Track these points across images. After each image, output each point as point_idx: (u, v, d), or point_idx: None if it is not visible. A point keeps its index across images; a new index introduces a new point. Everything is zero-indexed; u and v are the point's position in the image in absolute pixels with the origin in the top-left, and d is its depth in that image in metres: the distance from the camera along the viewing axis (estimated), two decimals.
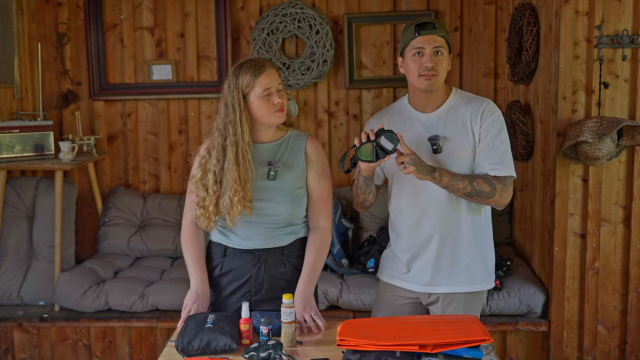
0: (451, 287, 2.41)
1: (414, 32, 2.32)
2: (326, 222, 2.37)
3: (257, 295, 2.33)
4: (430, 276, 2.41)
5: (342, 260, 3.81)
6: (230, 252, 2.35)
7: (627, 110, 3.09)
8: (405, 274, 2.46)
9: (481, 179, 2.30)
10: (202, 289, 2.28)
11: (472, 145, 2.35)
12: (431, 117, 2.39)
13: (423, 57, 2.30)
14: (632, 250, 3.17)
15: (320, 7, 4.19)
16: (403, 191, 2.42)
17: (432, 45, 2.29)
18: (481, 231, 2.43)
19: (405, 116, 2.43)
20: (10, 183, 3.99)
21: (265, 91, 2.21)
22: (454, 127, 2.36)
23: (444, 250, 2.39)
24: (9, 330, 3.61)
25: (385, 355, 1.85)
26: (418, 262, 2.43)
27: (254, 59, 2.26)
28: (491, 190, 2.30)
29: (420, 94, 2.36)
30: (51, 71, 4.29)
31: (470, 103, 2.38)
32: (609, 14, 3.02)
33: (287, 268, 2.34)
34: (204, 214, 2.27)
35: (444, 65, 2.32)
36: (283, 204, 2.28)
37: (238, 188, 2.20)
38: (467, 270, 2.41)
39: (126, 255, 4.14)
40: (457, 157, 2.35)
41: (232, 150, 2.22)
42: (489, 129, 2.34)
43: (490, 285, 2.47)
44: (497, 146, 2.34)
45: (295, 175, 2.31)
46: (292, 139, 2.35)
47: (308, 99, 4.28)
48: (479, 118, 2.34)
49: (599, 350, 3.27)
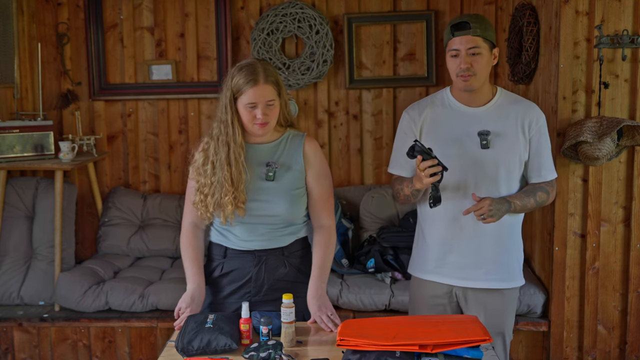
0: (494, 283, 2.46)
1: (450, 32, 2.36)
2: (329, 220, 2.36)
3: (257, 296, 2.33)
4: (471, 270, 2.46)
5: (342, 260, 3.81)
6: (231, 253, 2.34)
7: (627, 110, 3.09)
8: (443, 267, 2.48)
9: (539, 191, 2.42)
10: (198, 294, 2.27)
11: (523, 144, 2.40)
12: (478, 112, 2.41)
13: (459, 58, 2.33)
14: (632, 250, 3.17)
15: (320, 7, 4.19)
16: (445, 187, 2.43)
17: (467, 46, 2.31)
18: (517, 227, 2.51)
19: (448, 108, 2.44)
20: (10, 183, 3.99)
21: (250, 104, 2.19)
22: (506, 124, 2.39)
23: (485, 246, 2.43)
24: (9, 330, 3.61)
25: (385, 355, 1.85)
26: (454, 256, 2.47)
27: (253, 68, 2.20)
28: (547, 197, 2.44)
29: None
30: (51, 71, 4.29)
31: (520, 103, 2.44)
32: (609, 14, 3.02)
33: (287, 269, 2.33)
34: (202, 201, 2.26)
35: (481, 64, 2.33)
36: (282, 205, 2.27)
37: (230, 188, 2.20)
38: (506, 267, 2.47)
39: (126, 255, 4.14)
40: (506, 154, 2.38)
41: (224, 150, 2.21)
42: (540, 133, 2.41)
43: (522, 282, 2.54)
44: (546, 151, 2.43)
45: (294, 175, 2.30)
46: (289, 139, 2.33)
47: (308, 99, 4.28)
48: (534, 120, 2.40)
49: (599, 350, 3.27)
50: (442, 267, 2.47)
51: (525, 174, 2.47)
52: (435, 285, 2.50)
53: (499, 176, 2.39)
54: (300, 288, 2.32)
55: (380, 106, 4.25)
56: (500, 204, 2.32)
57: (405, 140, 2.46)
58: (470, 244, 2.42)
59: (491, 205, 2.29)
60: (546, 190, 2.43)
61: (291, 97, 4.18)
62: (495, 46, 2.38)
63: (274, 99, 2.21)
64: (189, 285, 2.29)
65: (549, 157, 2.45)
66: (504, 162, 2.38)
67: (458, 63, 2.33)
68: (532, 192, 2.41)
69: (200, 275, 2.31)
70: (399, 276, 3.60)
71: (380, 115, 4.25)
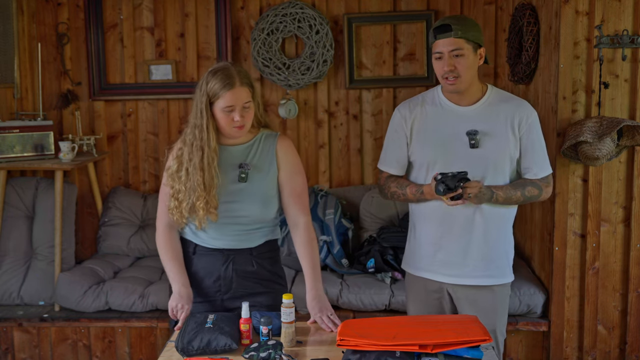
0: (481, 280, 2.46)
1: (433, 36, 2.37)
2: (305, 217, 2.36)
3: (228, 293, 2.34)
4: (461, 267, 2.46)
5: (342, 260, 3.81)
6: (200, 251, 2.36)
7: (627, 110, 3.09)
8: (433, 265, 2.49)
9: (529, 186, 2.40)
10: (185, 292, 2.27)
11: (513, 143, 2.40)
12: (468, 110, 2.41)
13: (442, 61, 2.35)
14: (632, 250, 3.17)
15: (320, 7, 4.19)
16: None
17: (449, 49, 2.32)
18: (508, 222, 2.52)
19: (439, 107, 2.45)
20: (10, 183, 3.99)
21: (227, 108, 2.20)
22: (495, 123, 2.39)
23: (473, 243, 2.43)
24: (9, 330, 3.61)
25: (385, 355, 1.85)
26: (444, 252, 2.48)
27: (228, 71, 2.22)
28: (539, 192, 2.42)
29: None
30: (51, 71, 4.29)
31: (510, 101, 2.44)
32: (609, 14, 3.02)
33: (255, 267, 2.35)
34: (177, 207, 2.27)
35: (464, 65, 2.33)
36: (254, 205, 2.29)
37: (202, 193, 2.21)
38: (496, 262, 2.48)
39: (126, 255, 4.14)
40: (496, 153, 2.39)
41: (198, 154, 2.22)
42: (531, 130, 2.41)
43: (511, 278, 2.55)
44: (539, 147, 2.43)
45: (267, 177, 2.32)
46: (263, 140, 2.35)
47: (308, 99, 4.28)
48: (524, 118, 2.40)
49: (599, 350, 3.27)
50: (432, 264, 2.50)
51: (519, 171, 2.47)
52: (428, 282, 2.53)
53: (488, 175, 2.39)
54: (271, 284, 2.37)
55: (380, 106, 4.25)
56: (484, 194, 2.34)
57: (395, 137, 2.51)
58: (458, 242, 2.44)
59: (481, 189, 2.31)
60: (538, 186, 2.42)
61: (291, 97, 4.18)
62: (481, 46, 2.38)
63: (249, 101, 2.24)
64: (175, 286, 2.29)
65: (541, 154, 2.44)
66: (493, 161, 2.38)
67: (442, 65, 2.35)
68: (521, 185, 2.41)
69: (183, 274, 2.31)
70: (398, 276, 3.60)
71: (380, 115, 4.25)
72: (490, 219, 2.43)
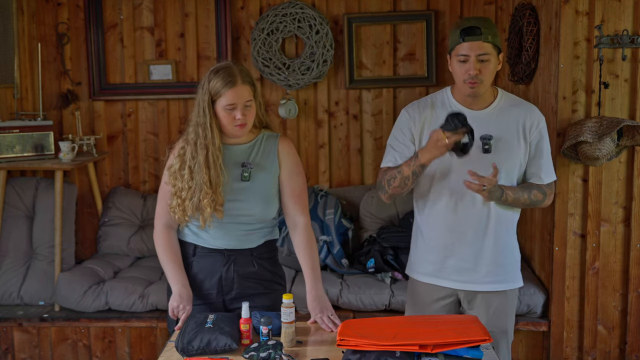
0: (494, 285, 2.45)
1: (459, 37, 2.28)
2: (304, 217, 2.37)
3: (229, 294, 2.35)
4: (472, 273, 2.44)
5: (342, 260, 3.81)
6: (200, 252, 2.36)
7: (627, 110, 3.09)
8: (443, 271, 2.46)
9: (535, 190, 2.39)
10: (185, 293, 2.26)
11: (524, 148, 2.39)
12: (480, 115, 2.36)
13: (467, 64, 2.28)
14: (632, 250, 3.17)
15: (320, 7, 4.19)
16: (443, 189, 2.40)
17: (477, 53, 2.26)
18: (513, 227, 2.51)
19: (449, 110, 2.35)
20: (10, 183, 3.99)
21: (229, 106, 2.21)
22: (507, 128, 2.36)
23: (485, 249, 2.42)
24: (9, 330, 3.61)
25: (385, 355, 1.85)
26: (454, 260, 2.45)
27: (230, 70, 2.23)
28: (543, 198, 2.42)
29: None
30: (51, 71, 4.29)
31: (520, 106, 2.42)
32: (609, 14, 3.02)
33: (256, 268, 2.36)
34: (180, 205, 2.27)
35: (489, 70, 2.29)
36: (256, 204, 2.30)
37: (208, 191, 2.22)
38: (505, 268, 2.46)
39: (126, 255, 4.14)
40: (508, 158, 2.36)
41: (202, 153, 2.23)
42: (541, 136, 2.40)
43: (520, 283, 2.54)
44: (546, 154, 2.42)
45: (269, 177, 2.33)
46: (264, 140, 2.35)
47: (308, 99, 4.28)
48: (534, 123, 2.39)
49: (599, 350, 3.27)
50: (441, 270, 2.46)
51: (525, 176, 2.46)
52: (436, 289, 2.48)
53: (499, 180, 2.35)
54: (272, 285, 2.38)
55: (380, 106, 4.25)
56: (496, 191, 2.30)
57: (401, 137, 2.44)
58: (470, 248, 2.41)
59: (495, 185, 2.26)
60: (543, 191, 2.42)
61: (291, 97, 4.18)
62: (502, 51, 2.35)
63: (251, 100, 2.24)
64: (175, 287, 2.29)
65: (548, 160, 2.43)
66: (505, 167, 2.35)
67: (466, 69, 2.27)
68: (527, 188, 2.40)
69: (183, 275, 2.31)
70: (399, 276, 3.60)
71: (380, 115, 4.25)
72: (502, 224, 2.41)
